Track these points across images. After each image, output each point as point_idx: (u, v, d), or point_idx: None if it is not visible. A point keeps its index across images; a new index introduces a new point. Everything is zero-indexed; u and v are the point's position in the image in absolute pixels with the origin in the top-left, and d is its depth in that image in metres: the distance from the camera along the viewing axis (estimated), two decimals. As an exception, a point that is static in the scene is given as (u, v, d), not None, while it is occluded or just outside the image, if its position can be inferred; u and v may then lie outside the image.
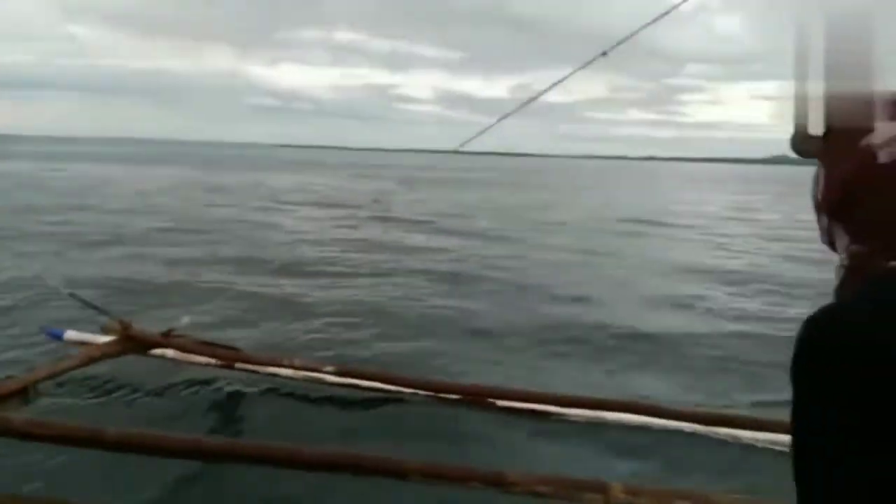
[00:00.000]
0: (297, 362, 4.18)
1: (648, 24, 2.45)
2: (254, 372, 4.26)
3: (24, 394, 3.55)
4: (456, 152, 3.52)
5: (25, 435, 2.76)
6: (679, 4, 2.40)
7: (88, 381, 4.22)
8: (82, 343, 4.47)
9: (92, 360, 4.05)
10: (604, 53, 2.47)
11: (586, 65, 2.53)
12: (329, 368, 4.13)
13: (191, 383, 4.32)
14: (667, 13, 2.32)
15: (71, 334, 4.60)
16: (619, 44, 2.47)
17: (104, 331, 4.34)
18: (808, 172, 0.90)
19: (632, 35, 2.37)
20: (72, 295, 4.26)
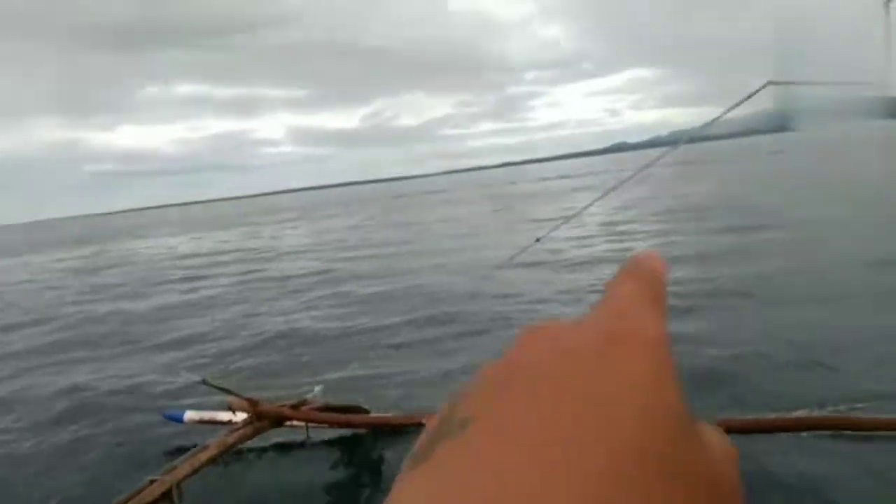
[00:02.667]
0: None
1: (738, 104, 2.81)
2: (394, 433, 4.31)
3: (169, 496, 3.50)
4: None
5: None
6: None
7: (228, 466, 4.17)
8: (204, 421, 4.46)
9: (228, 447, 3.99)
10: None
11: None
12: None
13: (329, 453, 4.35)
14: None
15: (191, 415, 4.57)
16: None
17: (230, 408, 4.31)
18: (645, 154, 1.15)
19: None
20: (204, 382, 4.20)
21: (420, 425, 4.19)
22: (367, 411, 4.47)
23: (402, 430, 4.27)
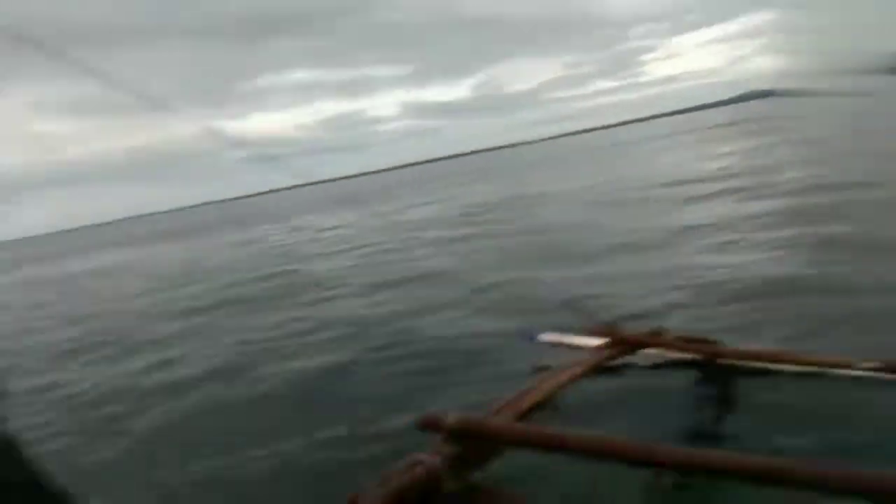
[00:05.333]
0: (822, 357, 3.68)
1: None
2: (754, 370, 3.97)
3: (548, 402, 3.51)
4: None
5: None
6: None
7: (584, 386, 4.02)
8: (558, 344, 4.55)
9: (592, 367, 3.98)
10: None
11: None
12: (868, 364, 3.51)
13: (682, 385, 4.12)
14: None
15: (546, 336, 4.68)
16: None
17: (586, 332, 4.33)
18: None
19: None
20: (567, 305, 4.26)
21: (794, 362, 3.71)
22: (721, 344, 4.19)
23: (766, 372, 3.87)
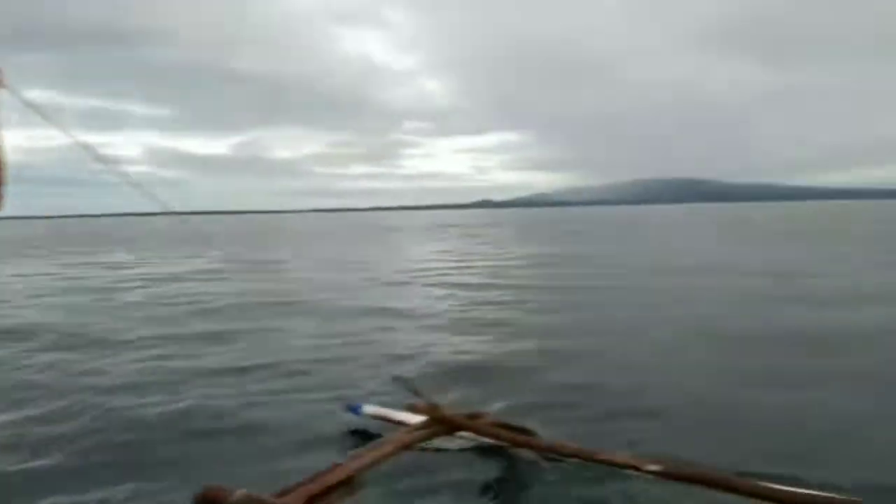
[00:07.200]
0: (617, 457, 3.83)
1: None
2: (560, 462, 4.09)
3: (349, 484, 3.44)
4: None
5: None
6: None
7: (398, 463, 3.95)
8: (379, 417, 4.48)
9: (405, 446, 3.91)
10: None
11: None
12: (653, 467, 3.65)
13: (488, 472, 4.13)
14: None
15: (369, 409, 4.58)
16: None
17: (409, 409, 4.28)
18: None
19: None
20: (396, 379, 4.16)
21: (593, 461, 3.87)
22: (537, 435, 4.30)
23: (570, 461, 4.02)
